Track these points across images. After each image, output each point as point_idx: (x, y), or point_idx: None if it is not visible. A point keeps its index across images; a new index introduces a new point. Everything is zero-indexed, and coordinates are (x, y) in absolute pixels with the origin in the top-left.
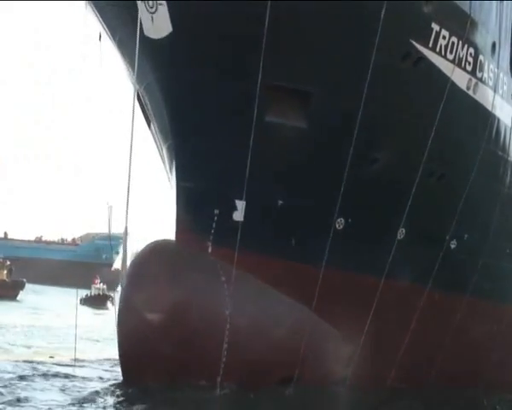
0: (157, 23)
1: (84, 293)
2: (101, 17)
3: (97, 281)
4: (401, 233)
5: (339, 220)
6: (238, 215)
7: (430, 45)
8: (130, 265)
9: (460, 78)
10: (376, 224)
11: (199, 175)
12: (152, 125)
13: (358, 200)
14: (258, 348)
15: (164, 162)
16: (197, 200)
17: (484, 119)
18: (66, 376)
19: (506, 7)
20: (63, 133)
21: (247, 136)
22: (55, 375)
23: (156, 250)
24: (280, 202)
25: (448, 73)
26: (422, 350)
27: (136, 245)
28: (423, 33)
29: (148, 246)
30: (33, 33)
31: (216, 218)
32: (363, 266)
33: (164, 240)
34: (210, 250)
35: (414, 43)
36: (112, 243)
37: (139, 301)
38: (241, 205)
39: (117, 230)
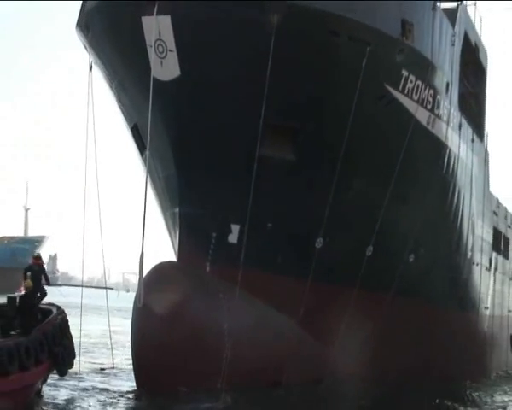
0: (166, 67)
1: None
2: (104, 57)
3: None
4: (369, 250)
5: (318, 240)
6: (233, 237)
7: (400, 88)
8: (143, 282)
9: (422, 115)
10: (348, 243)
11: (200, 203)
12: (146, 153)
13: (334, 222)
14: (251, 356)
15: (159, 188)
16: (197, 224)
17: (439, 149)
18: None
19: (456, 50)
20: None
21: (243, 167)
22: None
23: (163, 271)
24: (269, 224)
25: (413, 112)
26: (388, 351)
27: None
28: (395, 78)
29: (155, 267)
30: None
31: (213, 240)
32: (337, 280)
33: (168, 261)
34: (208, 269)
35: (387, 87)
36: (28, 246)
37: (151, 317)
38: (235, 228)
39: (33, 233)
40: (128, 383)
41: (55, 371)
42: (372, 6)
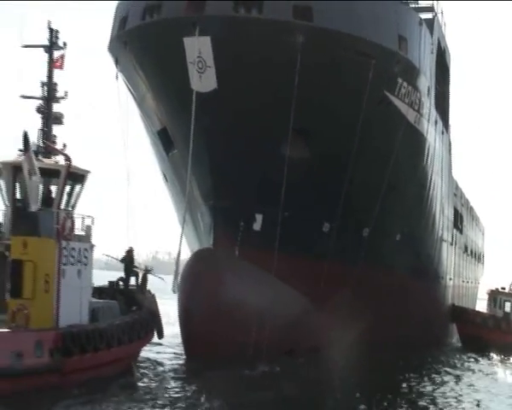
0: (204, 80)
1: None
2: (140, 69)
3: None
4: (366, 231)
5: (325, 225)
6: (257, 225)
7: (396, 94)
8: (186, 267)
9: (411, 115)
10: (350, 226)
11: (230, 197)
12: (173, 153)
13: (339, 209)
14: (273, 328)
15: (187, 185)
16: (228, 215)
17: (422, 143)
18: None
19: (433, 56)
20: None
21: (266, 165)
22: None
23: (203, 256)
24: (286, 213)
25: (404, 113)
26: (381, 321)
27: None
28: (392, 85)
29: (197, 253)
30: None
31: (241, 228)
32: (340, 257)
33: (207, 248)
34: (237, 253)
35: (386, 93)
36: None
37: (195, 297)
38: (259, 217)
39: None
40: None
41: None
42: (376, 25)
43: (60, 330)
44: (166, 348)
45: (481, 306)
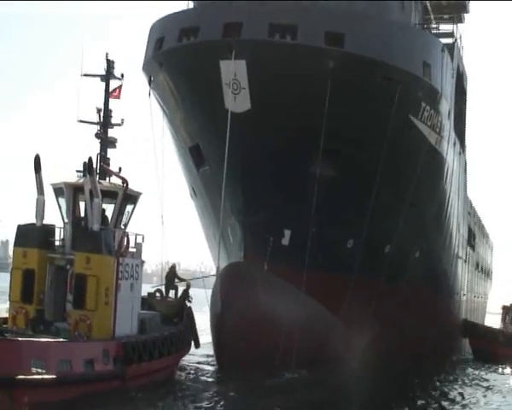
0: (239, 101)
1: None
2: (174, 88)
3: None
4: (387, 248)
5: (349, 241)
6: (285, 240)
7: (419, 117)
8: (218, 279)
9: (432, 137)
10: (373, 243)
11: (260, 212)
12: (205, 168)
13: (364, 226)
14: (299, 338)
15: (218, 201)
16: (259, 230)
17: (442, 164)
18: None
19: (453, 80)
20: None
21: (295, 183)
22: None
23: (235, 269)
24: (313, 229)
25: (427, 135)
26: (403, 334)
27: None
28: (416, 109)
29: (227, 266)
30: None
31: (271, 243)
32: (363, 273)
33: (238, 261)
34: (266, 267)
35: (410, 116)
36: None
37: (227, 306)
38: (287, 233)
39: None
40: None
41: None
42: (403, 52)
43: (121, 339)
44: (200, 356)
45: (490, 320)
